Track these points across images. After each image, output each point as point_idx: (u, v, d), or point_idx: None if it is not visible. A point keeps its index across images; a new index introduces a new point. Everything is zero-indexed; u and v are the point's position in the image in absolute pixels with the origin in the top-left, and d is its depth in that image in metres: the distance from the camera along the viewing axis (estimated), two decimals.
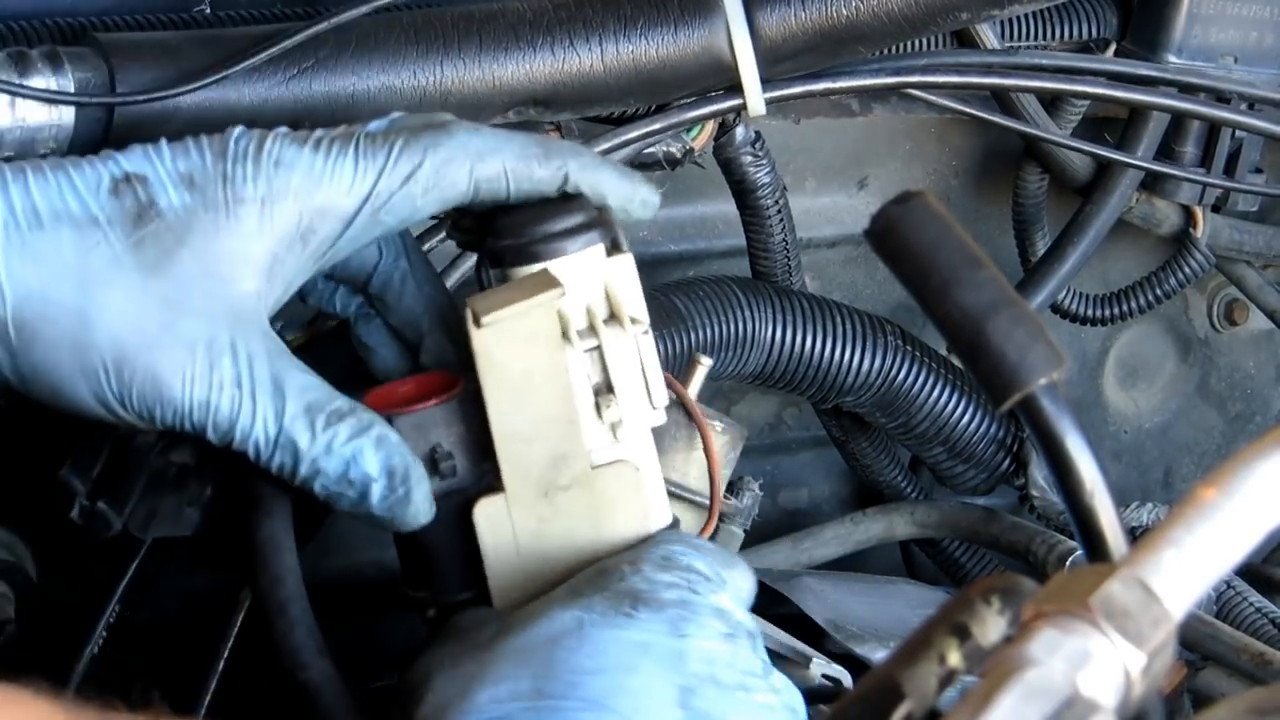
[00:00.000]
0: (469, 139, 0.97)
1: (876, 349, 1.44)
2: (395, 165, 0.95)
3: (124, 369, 0.92)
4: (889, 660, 0.68)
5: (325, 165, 0.95)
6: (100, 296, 0.91)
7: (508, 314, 0.95)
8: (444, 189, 0.97)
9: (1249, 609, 1.49)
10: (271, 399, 0.93)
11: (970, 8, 1.26)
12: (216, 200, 0.93)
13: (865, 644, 1.30)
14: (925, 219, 0.78)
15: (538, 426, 0.96)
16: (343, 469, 0.94)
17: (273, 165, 0.94)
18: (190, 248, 0.92)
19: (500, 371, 0.96)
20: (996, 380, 0.75)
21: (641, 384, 0.98)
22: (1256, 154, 1.68)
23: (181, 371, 0.92)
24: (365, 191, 0.95)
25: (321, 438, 0.93)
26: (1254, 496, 0.69)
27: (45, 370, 0.93)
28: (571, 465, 0.96)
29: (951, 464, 1.54)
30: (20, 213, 0.91)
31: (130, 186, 0.93)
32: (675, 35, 1.22)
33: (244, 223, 0.93)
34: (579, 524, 0.97)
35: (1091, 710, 0.63)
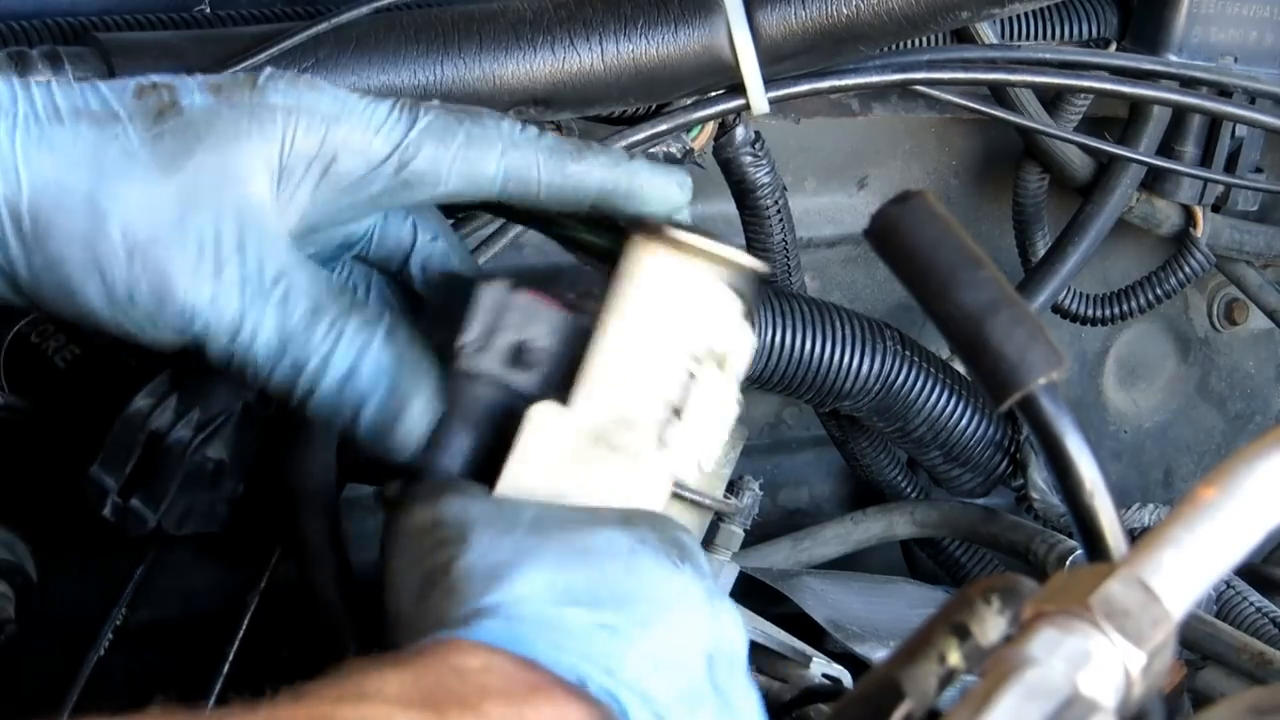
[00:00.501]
0: (505, 125, 0.97)
1: (875, 353, 1.44)
2: (429, 124, 0.95)
3: (134, 262, 0.91)
4: (889, 660, 0.68)
5: (360, 102, 0.95)
6: (114, 187, 0.91)
7: (693, 244, 0.95)
8: (472, 164, 0.96)
9: (1249, 608, 1.49)
10: (278, 305, 0.92)
11: (971, 6, 1.26)
12: (241, 101, 0.93)
13: (865, 643, 1.30)
14: (925, 218, 0.78)
15: (633, 377, 0.96)
16: (341, 378, 0.92)
17: (307, 85, 0.94)
18: (209, 145, 0.92)
19: (643, 301, 0.96)
20: (996, 379, 0.75)
21: (706, 436, 0.98)
22: (1257, 153, 1.68)
23: (189, 268, 0.91)
24: (396, 139, 0.95)
25: (325, 340, 0.92)
26: (1254, 496, 0.69)
27: (57, 263, 0.92)
28: (632, 433, 0.96)
29: (948, 467, 1.54)
30: (41, 108, 0.91)
31: (156, 91, 0.93)
32: (675, 35, 1.22)
33: (266, 127, 0.93)
34: (602, 485, 0.96)
35: (1091, 710, 0.63)
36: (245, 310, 0.91)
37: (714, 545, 1.31)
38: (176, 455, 0.99)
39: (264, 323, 0.92)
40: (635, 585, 0.87)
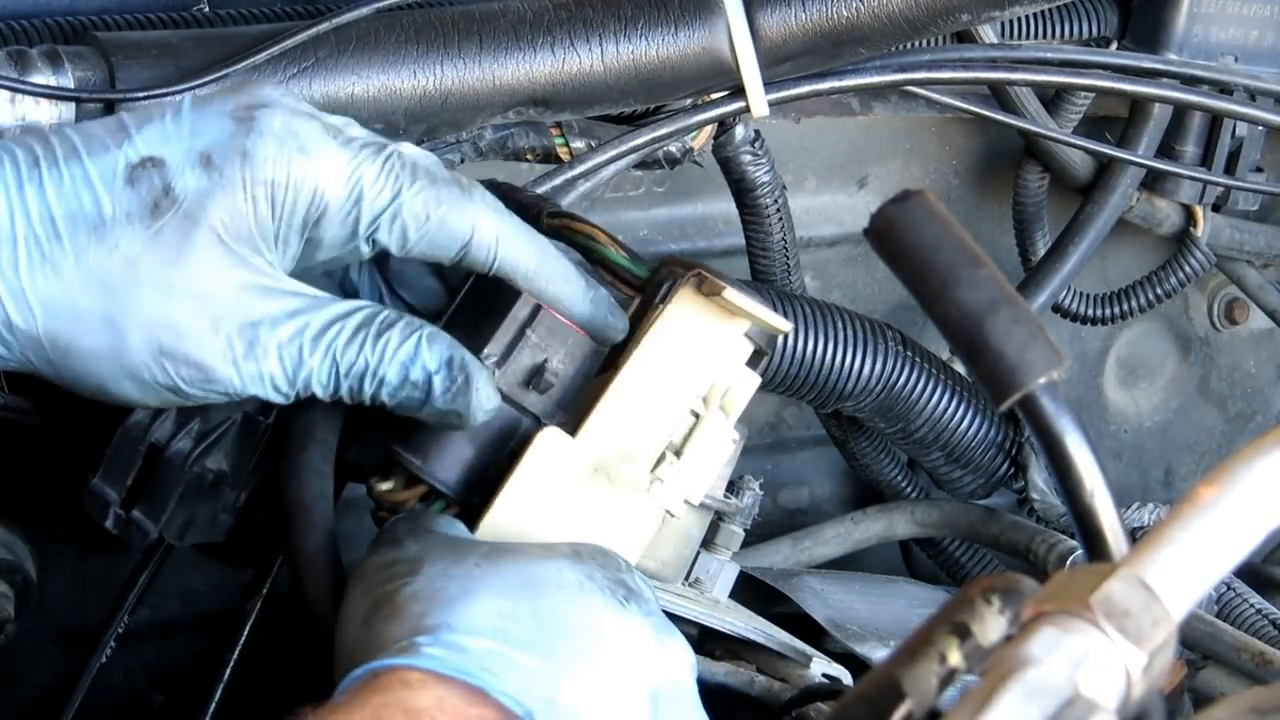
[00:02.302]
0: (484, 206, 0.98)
1: (877, 353, 1.44)
2: (414, 193, 0.96)
3: (166, 365, 0.92)
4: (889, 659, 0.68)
5: (349, 165, 0.95)
6: (126, 303, 0.91)
7: (744, 307, 0.97)
8: (440, 236, 0.97)
9: (1249, 610, 1.49)
10: (319, 342, 0.93)
11: (971, 9, 1.26)
12: (234, 180, 0.93)
13: (866, 643, 1.30)
14: (925, 218, 0.77)
15: (640, 414, 0.98)
16: (403, 373, 0.94)
17: (296, 150, 0.94)
18: (208, 230, 0.92)
19: (662, 344, 0.99)
20: (996, 379, 0.75)
21: (698, 474, 1.00)
22: (1257, 153, 1.68)
23: (225, 355, 0.92)
24: (378, 209, 0.95)
25: (376, 350, 0.94)
26: (1254, 495, 0.69)
27: (88, 375, 0.93)
28: (632, 467, 0.98)
29: (949, 469, 1.54)
30: (38, 222, 0.91)
31: (146, 172, 0.92)
32: (675, 36, 1.22)
33: (259, 204, 0.93)
34: (595, 514, 0.97)
35: (1092, 709, 0.63)
36: (294, 370, 0.93)
37: (714, 545, 1.31)
38: (177, 467, 0.99)
39: (315, 370, 0.94)
40: (580, 619, 0.88)
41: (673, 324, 0.99)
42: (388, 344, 0.94)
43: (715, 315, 1.00)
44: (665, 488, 0.99)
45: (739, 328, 1.00)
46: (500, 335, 0.98)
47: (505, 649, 0.85)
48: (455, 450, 0.98)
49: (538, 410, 0.99)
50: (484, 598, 0.87)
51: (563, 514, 0.97)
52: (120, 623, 1.12)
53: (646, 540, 1.00)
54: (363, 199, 0.95)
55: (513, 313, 0.98)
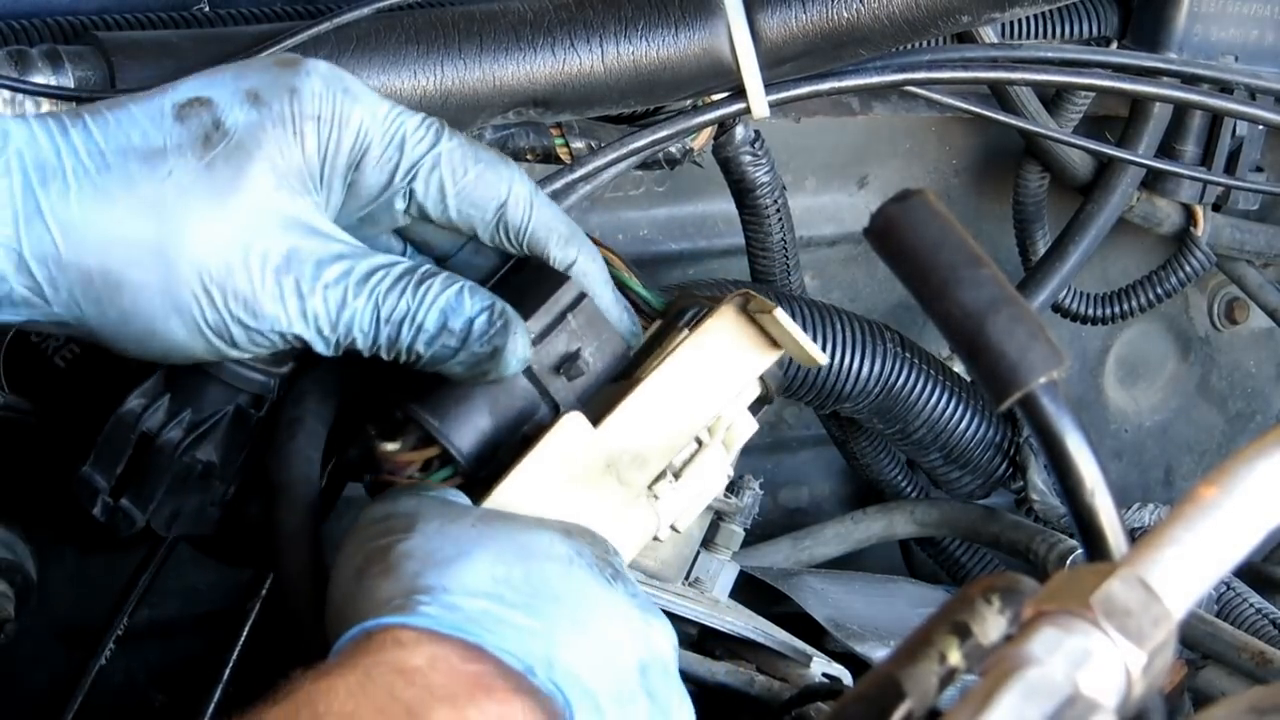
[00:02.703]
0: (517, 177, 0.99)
1: (876, 354, 1.44)
2: (451, 148, 0.97)
3: (215, 299, 0.91)
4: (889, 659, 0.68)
5: (390, 114, 0.96)
6: (180, 229, 0.91)
7: (788, 330, 0.98)
8: (475, 198, 0.98)
9: (1249, 610, 1.49)
10: (364, 286, 0.93)
11: (971, 10, 1.26)
12: (283, 114, 0.93)
13: (866, 642, 1.30)
14: (925, 217, 0.77)
15: (660, 421, 0.99)
16: (442, 320, 0.94)
17: (343, 91, 0.95)
18: (260, 163, 0.92)
19: (697, 357, 0.99)
20: (996, 378, 0.75)
21: (689, 501, 1.01)
22: (1257, 152, 1.68)
23: (274, 290, 0.92)
24: (417, 156, 0.96)
25: (418, 296, 0.94)
26: (1255, 495, 0.69)
27: (135, 315, 0.92)
28: (641, 473, 0.99)
29: (948, 469, 1.54)
30: (85, 155, 0.91)
31: (194, 110, 0.92)
32: (676, 37, 1.22)
33: (308, 140, 0.93)
34: (592, 508, 0.97)
35: (1092, 709, 0.63)
36: (337, 311, 0.93)
37: (714, 544, 1.31)
38: (167, 456, 0.99)
39: (358, 312, 0.93)
40: (571, 589, 0.88)
41: (712, 337, 1.00)
42: (429, 290, 0.94)
43: (753, 338, 1.01)
44: (660, 505, 1.00)
45: (773, 355, 1.01)
46: (542, 314, 0.98)
47: (501, 610, 0.85)
48: (474, 418, 0.98)
49: (560, 397, 0.99)
50: (479, 560, 0.87)
51: (568, 502, 0.97)
52: (120, 624, 1.12)
53: (638, 549, 1.00)
54: (405, 143, 0.96)
55: (558, 295, 0.99)
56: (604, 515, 0.98)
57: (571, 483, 0.97)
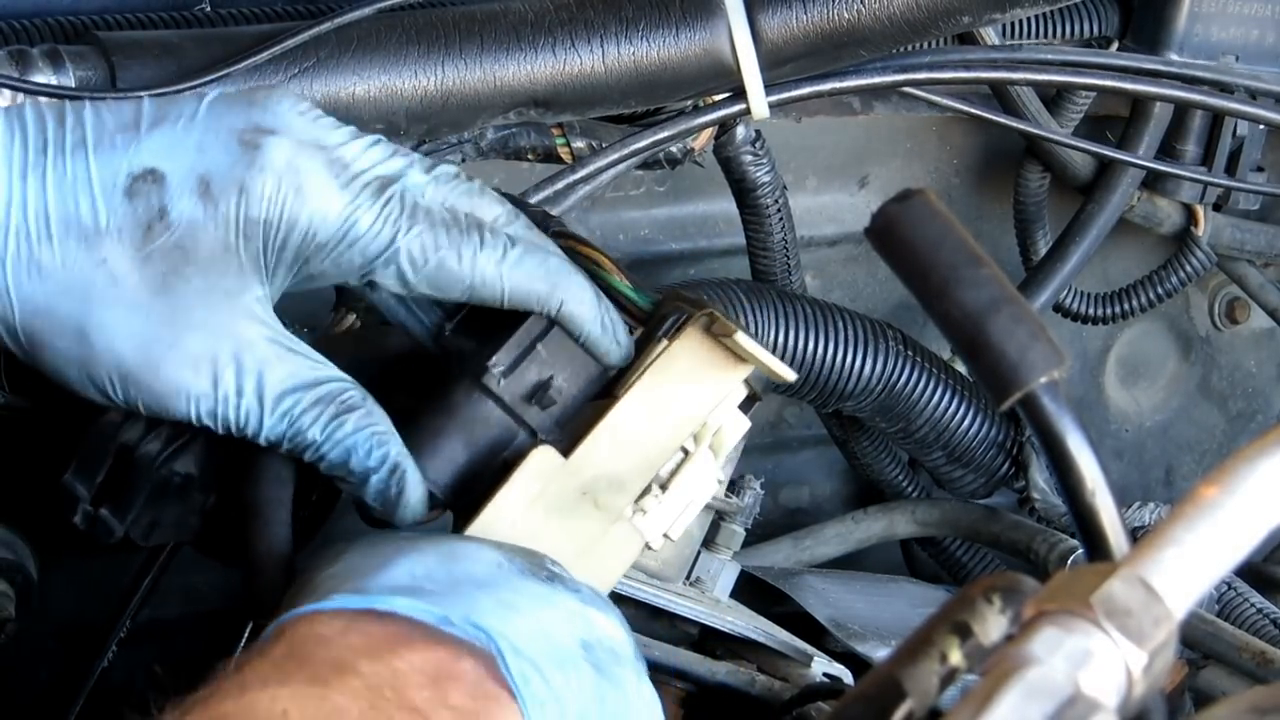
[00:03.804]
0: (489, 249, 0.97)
1: (878, 353, 1.44)
2: (410, 238, 0.95)
3: (129, 386, 0.93)
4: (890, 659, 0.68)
5: (345, 210, 0.94)
6: (102, 316, 0.92)
7: (753, 352, 0.98)
8: (441, 280, 0.96)
9: (1250, 610, 1.49)
10: (277, 402, 0.94)
11: (972, 11, 1.26)
12: (228, 217, 0.93)
13: (866, 642, 1.30)
14: (926, 217, 0.77)
15: (634, 445, 0.98)
16: (344, 458, 0.95)
17: (294, 190, 0.93)
18: (197, 265, 0.92)
19: (666, 378, 0.99)
20: (997, 378, 0.75)
21: (679, 510, 1.01)
22: (1258, 152, 1.68)
23: (186, 390, 0.93)
24: (373, 255, 0.95)
25: (328, 428, 0.94)
26: (1255, 495, 0.69)
27: (55, 372, 0.94)
28: (619, 496, 0.99)
29: (951, 468, 1.54)
30: (32, 217, 0.91)
31: (146, 186, 0.92)
32: (676, 37, 1.22)
33: (251, 242, 0.93)
34: (570, 535, 0.98)
35: (1093, 709, 0.63)
36: (248, 415, 0.94)
37: (715, 544, 1.31)
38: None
39: (267, 422, 0.94)
40: (498, 580, 0.89)
41: (677, 360, 0.99)
42: (340, 426, 0.94)
43: (720, 357, 1.00)
44: (647, 520, 1.00)
45: (741, 373, 1.01)
46: (510, 347, 0.98)
47: (417, 589, 0.86)
48: (449, 452, 0.98)
49: (535, 425, 0.99)
50: (399, 564, 0.88)
51: (545, 532, 0.97)
52: (123, 627, 1.12)
53: (623, 569, 1.01)
54: (356, 243, 0.94)
55: (526, 326, 0.99)
56: (584, 541, 0.98)
57: (547, 514, 0.97)
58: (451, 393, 0.99)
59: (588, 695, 0.87)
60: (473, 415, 0.98)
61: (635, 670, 0.90)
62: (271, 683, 0.79)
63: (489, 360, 0.98)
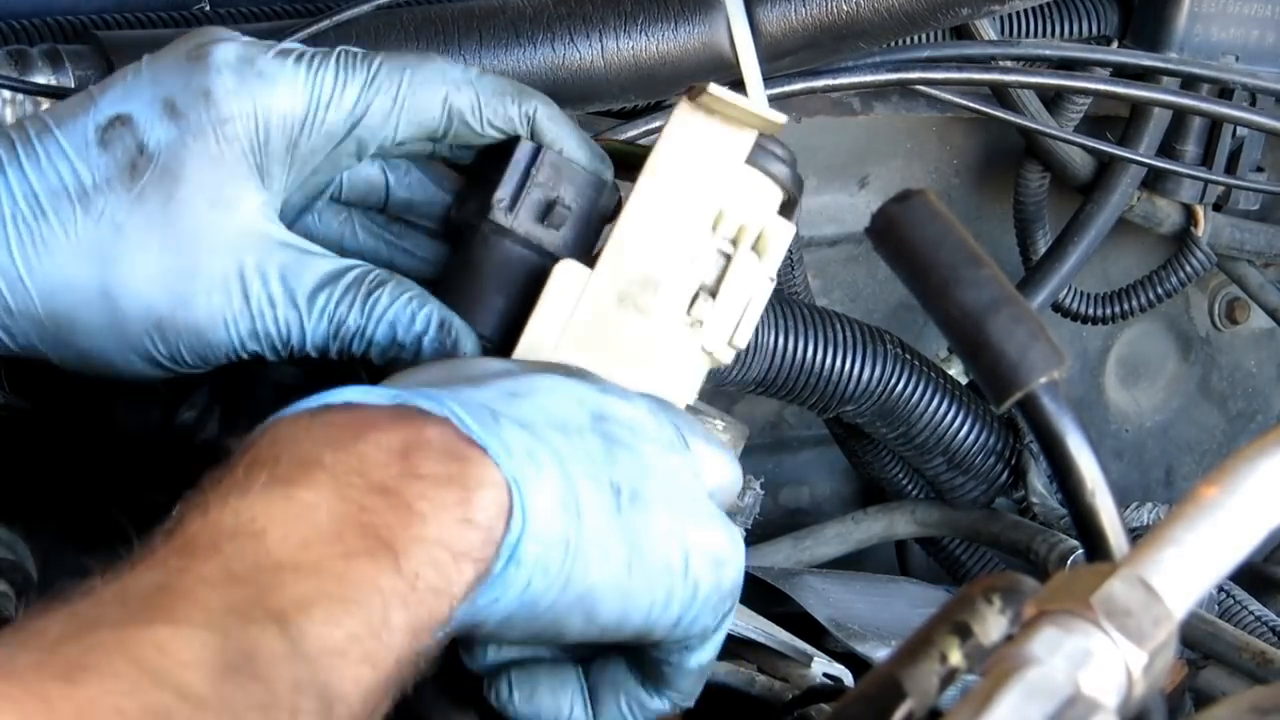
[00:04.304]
0: (447, 68, 0.98)
1: (877, 358, 1.44)
2: (374, 80, 0.95)
3: (166, 332, 0.92)
4: (890, 659, 0.68)
5: (308, 78, 0.94)
6: (120, 270, 0.91)
7: (731, 102, 0.96)
8: (419, 111, 0.97)
9: (1249, 618, 1.48)
10: (311, 300, 0.93)
11: (971, 3, 1.26)
12: (202, 125, 0.92)
13: (867, 642, 1.30)
14: (926, 217, 0.77)
15: (657, 239, 0.98)
16: (391, 334, 0.95)
17: (256, 77, 0.93)
18: (189, 183, 0.92)
19: (673, 161, 0.98)
20: (997, 378, 0.75)
21: (738, 315, 0.99)
22: (1258, 152, 1.68)
23: (221, 316, 0.92)
24: (348, 107, 0.95)
25: (365, 310, 0.94)
26: (1255, 495, 0.69)
27: (93, 353, 0.93)
28: (658, 296, 0.97)
29: (951, 475, 1.54)
30: (21, 201, 0.91)
31: (116, 132, 0.92)
32: (675, 31, 1.22)
33: (233, 144, 0.93)
34: (623, 348, 0.97)
35: (1093, 709, 0.63)
36: (288, 324, 0.93)
37: None
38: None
39: (308, 326, 0.94)
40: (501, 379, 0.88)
41: (674, 141, 0.99)
42: (376, 302, 0.94)
43: (717, 128, 0.99)
44: (706, 330, 0.98)
45: (744, 137, 0.99)
46: (507, 179, 0.98)
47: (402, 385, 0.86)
48: (489, 300, 0.98)
49: (555, 247, 0.99)
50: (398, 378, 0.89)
51: (593, 348, 0.96)
52: None
53: (696, 382, 0.99)
54: (330, 101, 0.95)
55: (515, 158, 0.99)
56: (639, 353, 0.97)
57: (589, 329, 0.96)
58: (468, 248, 0.99)
59: (597, 457, 0.86)
60: (494, 258, 0.98)
61: (664, 444, 0.89)
62: (234, 495, 0.77)
63: (489, 199, 0.98)
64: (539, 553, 0.82)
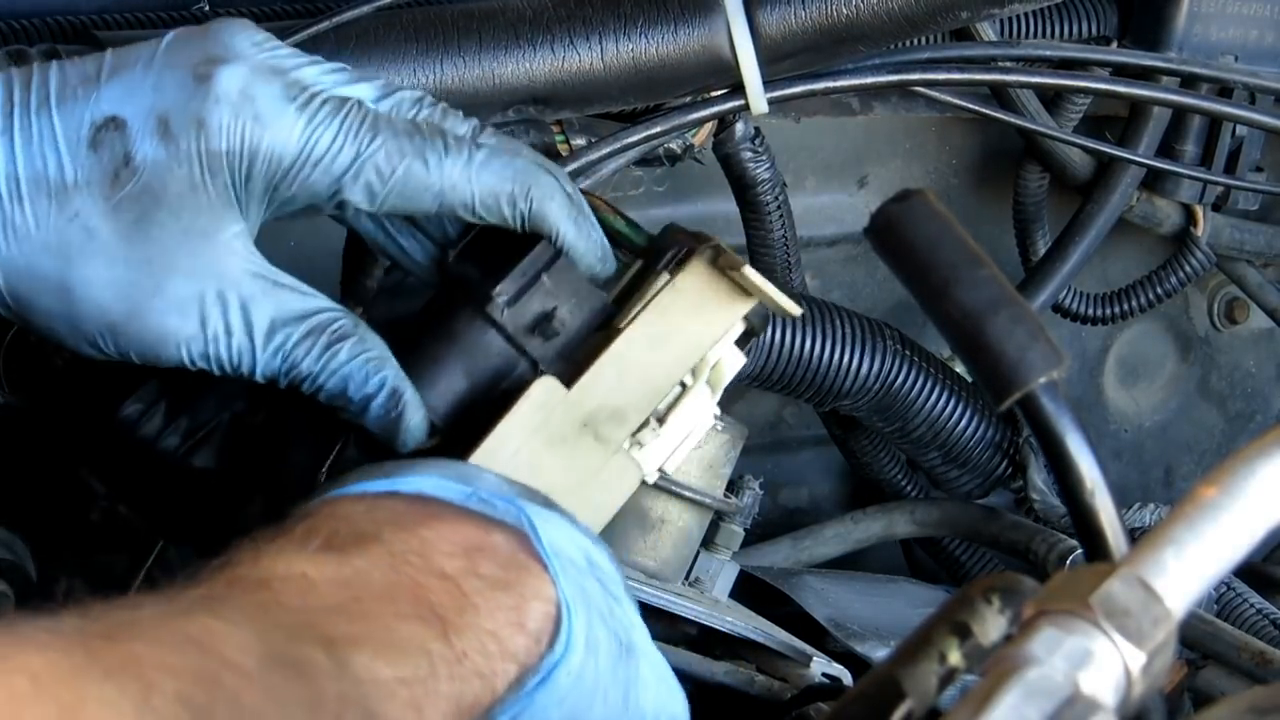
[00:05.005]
0: (446, 164, 0.96)
1: (875, 352, 1.44)
2: (370, 156, 0.94)
3: (118, 336, 0.93)
4: (890, 659, 0.68)
5: (305, 131, 0.93)
6: (81, 270, 0.92)
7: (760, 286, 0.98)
8: (408, 198, 0.96)
9: (1249, 610, 1.49)
10: (267, 337, 0.93)
11: (971, 6, 1.26)
12: (190, 153, 0.92)
13: (866, 642, 1.30)
14: (925, 217, 0.78)
15: (636, 377, 0.98)
16: (341, 387, 0.94)
17: (251, 118, 0.92)
18: (168, 207, 0.92)
19: (669, 310, 0.99)
20: (996, 378, 0.75)
21: (678, 444, 1.00)
22: (1257, 152, 1.67)
23: (174, 334, 0.92)
24: (336, 173, 0.94)
25: (321, 359, 0.94)
26: (1254, 495, 0.69)
27: (49, 332, 0.94)
28: (616, 427, 0.98)
29: (947, 469, 1.54)
30: (3, 181, 0.91)
31: (108, 135, 0.92)
32: (675, 34, 1.22)
33: (217, 177, 0.92)
34: (577, 467, 0.97)
35: (1092, 709, 0.63)
36: (240, 353, 0.93)
37: (714, 544, 1.31)
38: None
39: (260, 358, 0.94)
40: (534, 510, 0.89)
41: (681, 292, 0.99)
42: (335, 355, 0.94)
43: (724, 290, 1.00)
44: (644, 453, 1.00)
45: (744, 306, 1.00)
46: (515, 276, 0.98)
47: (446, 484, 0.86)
48: (449, 380, 0.98)
49: (537, 356, 0.98)
50: (422, 470, 0.88)
51: (544, 463, 0.96)
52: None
53: (619, 502, 1.00)
54: (319, 162, 0.94)
55: (532, 256, 0.98)
56: (582, 474, 0.97)
57: (547, 445, 0.97)
58: (454, 320, 0.99)
59: (600, 604, 0.87)
60: (474, 344, 0.98)
61: (630, 598, 0.90)
62: (288, 550, 0.78)
63: (493, 289, 0.97)
64: (566, 683, 0.83)
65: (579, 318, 0.99)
